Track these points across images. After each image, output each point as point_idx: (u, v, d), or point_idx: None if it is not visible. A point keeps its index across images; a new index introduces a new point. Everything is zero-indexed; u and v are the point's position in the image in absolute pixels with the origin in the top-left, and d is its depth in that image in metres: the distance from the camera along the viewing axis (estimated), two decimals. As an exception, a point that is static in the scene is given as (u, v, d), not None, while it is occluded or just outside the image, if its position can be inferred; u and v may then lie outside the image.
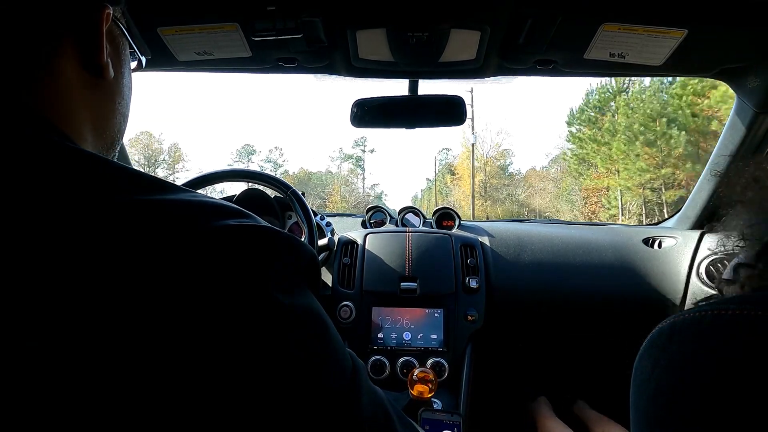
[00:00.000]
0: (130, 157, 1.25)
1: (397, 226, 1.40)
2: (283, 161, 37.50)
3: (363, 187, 38.01)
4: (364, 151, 38.71)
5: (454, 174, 33.05)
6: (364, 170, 38.86)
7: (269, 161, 36.98)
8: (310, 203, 1.24)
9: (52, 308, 0.23)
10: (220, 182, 1.09)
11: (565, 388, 1.13)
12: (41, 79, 0.31)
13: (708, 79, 1.00)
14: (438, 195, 35.17)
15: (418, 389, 0.82)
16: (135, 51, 0.41)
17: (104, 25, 0.34)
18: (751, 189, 0.38)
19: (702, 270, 1.08)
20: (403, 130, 1.10)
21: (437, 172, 36.21)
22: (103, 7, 0.34)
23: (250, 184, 1.16)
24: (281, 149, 41.42)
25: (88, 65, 0.34)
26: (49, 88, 0.32)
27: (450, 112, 1.01)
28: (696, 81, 14.04)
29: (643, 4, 0.75)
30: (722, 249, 0.40)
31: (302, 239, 0.93)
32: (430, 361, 1.02)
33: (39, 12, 0.31)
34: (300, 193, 1.06)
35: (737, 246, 0.39)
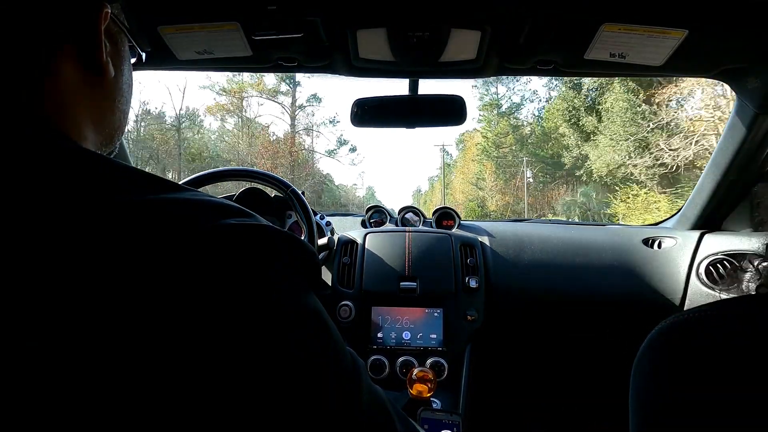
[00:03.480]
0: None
1: (396, 225, 1.41)
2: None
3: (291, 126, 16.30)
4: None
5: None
6: (295, 86, 17.10)
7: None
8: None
9: (52, 308, 0.23)
10: (221, 181, 1.09)
11: (564, 388, 1.13)
12: (41, 80, 0.31)
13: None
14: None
15: (418, 389, 0.82)
16: (135, 47, 0.41)
17: (103, 24, 0.34)
18: None
19: (702, 270, 1.08)
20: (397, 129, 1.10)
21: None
22: (102, 6, 0.34)
23: (250, 183, 1.16)
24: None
25: (88, 64, 0.34)
26: (49, 87, 0.32)
27: (450, 111, 1.01)
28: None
29: (643, 4, 0.75)
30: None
31: (302, 238, 0.93)
32: (429, 361, 1.02)
33: (38, 13, 0.31)
34: (300, 192, 1.06)
35: None
